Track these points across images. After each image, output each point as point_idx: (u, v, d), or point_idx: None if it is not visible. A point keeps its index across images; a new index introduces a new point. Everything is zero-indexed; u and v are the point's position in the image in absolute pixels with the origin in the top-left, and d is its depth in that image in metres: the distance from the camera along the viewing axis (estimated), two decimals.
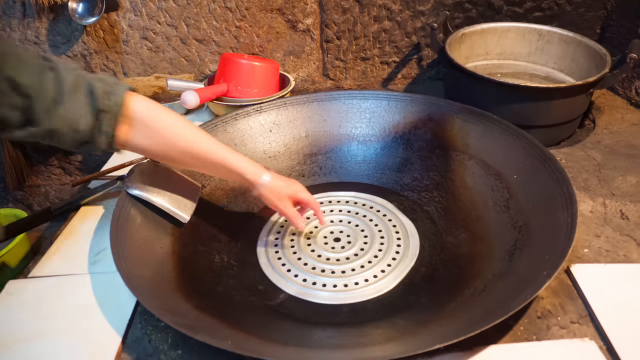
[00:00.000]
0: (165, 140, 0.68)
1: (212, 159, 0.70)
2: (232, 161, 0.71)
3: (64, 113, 0.60)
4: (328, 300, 0.71)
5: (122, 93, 0.64)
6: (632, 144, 0.97)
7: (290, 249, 0.80)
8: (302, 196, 0.77)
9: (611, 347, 0.57)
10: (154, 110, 0.67)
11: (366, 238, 0.82)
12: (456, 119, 0.92)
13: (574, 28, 1.18)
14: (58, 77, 0.60)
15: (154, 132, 0.66)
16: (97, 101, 0.62)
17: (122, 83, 0.66)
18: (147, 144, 0.67)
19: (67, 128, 0.61)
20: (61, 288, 0.70)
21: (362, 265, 0.77)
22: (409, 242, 0.80)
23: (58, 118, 0.59)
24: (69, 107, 0.60)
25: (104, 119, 0.62)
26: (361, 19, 1.21)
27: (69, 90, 0.60)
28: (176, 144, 0.68)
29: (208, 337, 0.54)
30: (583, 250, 0.73)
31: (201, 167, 0.74)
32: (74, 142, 0.63)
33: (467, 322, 0.57)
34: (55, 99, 0.59)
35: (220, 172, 0.73)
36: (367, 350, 0.59)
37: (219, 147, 0.70)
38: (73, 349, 0.61)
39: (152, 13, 1.20)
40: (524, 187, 0.78)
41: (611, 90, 1.18)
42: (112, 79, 0.65)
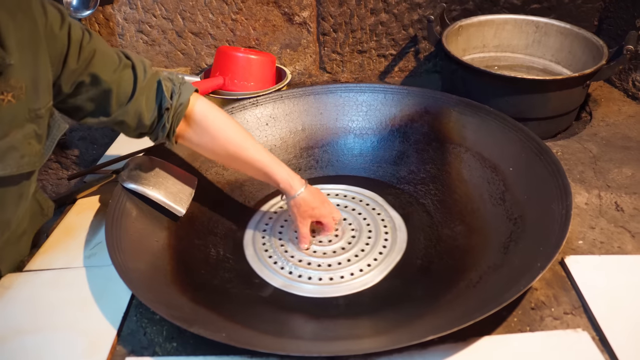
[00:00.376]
0: (216, 142, 0.74)
1: (256, 164, 0.75)
2: (272, 169, 0.75)
3: (134, 108, 0.67)
4: (312, 294, 0.71)
5: (188, 94, 0.71)
6: (628, 136, 0.97)
7: (278, 241, 0.81)
8: (325, 222, 0.79)
9: (604, 337, 0.58)
10: (211, 114, 0.73)
11: (354, 231, 0.82)
12: (453, 112, 0.92)
13: (572, 20, 1.18)
14: (135, 74, 0.66)
15: (207, 134, 0.73)
16: (164, 100, 0.68)
17: (189, 84, 0.72)
18: (199, 142, 0.74)
19: (134, 120, 0.68)
20: (57, 281, 0.70)
21: (349, 259, 0.77)
22: (397, 236, 0.80)
23: (128, 112, 0.67)
24: (139, 103, 0.67)
25: (167, 116, 0.69)
26: (358, 11, 1.21)
27: (141, 88, 0.67)
28: (225, 147, 0.74)
29: (203, 329, 0.54)
30: (577, 242, 0.73)
31: (243, 169, 0.78)
32: (135, 132, 0.71)
33: (462, 314, 0.57)
34: (129, 96, 0.66)
35: (261, 177, 0.77)
36: (362, 341, 0.60)
37: (264, 155, 0.75)
38: (68, 342, 0.61)
39: (148, 6, 1.20)
40: (520, 179, 0.78)
41: (608, 83, 1.18)
42: (180, 79, 0.72)
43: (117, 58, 0.66)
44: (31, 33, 0.57)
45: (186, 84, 0.72)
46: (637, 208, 0.79)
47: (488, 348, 0.57)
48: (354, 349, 0.55)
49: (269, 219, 0.86)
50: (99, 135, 1.41)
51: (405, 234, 0.81)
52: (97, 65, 0.64)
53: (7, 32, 0.55)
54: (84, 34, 0.63)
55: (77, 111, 0.67)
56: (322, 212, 0.78)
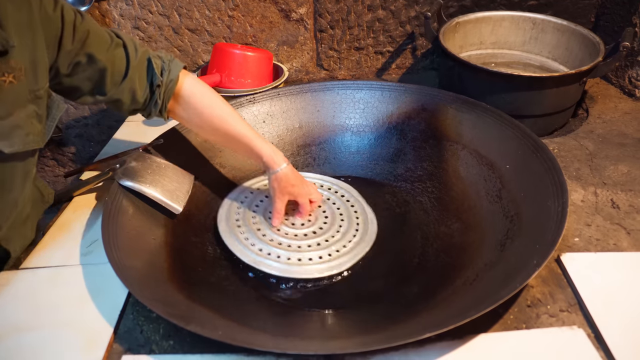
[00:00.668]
0: (202, 117, 0.76)
1: (240, 139, 0.76)
2: (256, 144, 0.76)
3: (128, 85, 0.70)
4: (280, 272, 0.72)
5: (177, 71, 0.74)
6: (624, 132, 0.98)
7: (251, 219, 0.81)
8: (301, 201, 0.80)
9: (599, 335, 0.58)
10: (199, 91, 0.76)
11: (326, 219, 0.83)
12: (450, 109, 0.92)
13: (569, 17, 1.18)
14: (127, 53, 0.69)
15: (194, 109, 0.76)
16: (155, 77, 0.71)
17: (177, 62, 0.75)
18: (187, 117, 0.77)
19: (128, 98, 0.71)
20: (53, 279, 0.70)
21: (319, 243, 0.78)
22: (368, 228, 0.81)
23: (123, 90, 0.70)
24: (133, 80, 0.70)
25: (159, 93, 0.73)
26: (355, 8, 1.20)
27: (134, 66, 0.70)
28: (211, 122, 0.76)
29: (200, 327, 0.54)
30: (574, 239, 0.73)
31: (229, 144, 0.80)
32: (129, 108, 0.74)
33: (458, 311, 0.57)
34: (123, 74, 0.69)
35: (246, 152, 0.78)
36: (358, 339, 0.60)
37: (248, 130, 0.77)
38: (65, 339, 0.61)
39: (144, 2, 1.19)
40: (516, 176, 0.78)
41: (604, 79, 1.18)
42: (169, 57, 0.75)
43: (108, 37, 0.69)
44: (27, 16, 0.59)
45: (175, 61, 0.75)
46: (632, 205, 0.79)
47: (484, 345, 0.58)
48: (350, 346, 0.55)
49: (244, 197, 0.86)
50: (96, 132, 1.41)
51: (376, 227, 0.82)
52: (91, 45, 0.66)
53: (6, 15, 0.56)
54: (76, 15, 0.65)
55: (75, 91, 0.69)
56: (300, 191, 0.79)
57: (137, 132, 1.09)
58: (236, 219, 0.81)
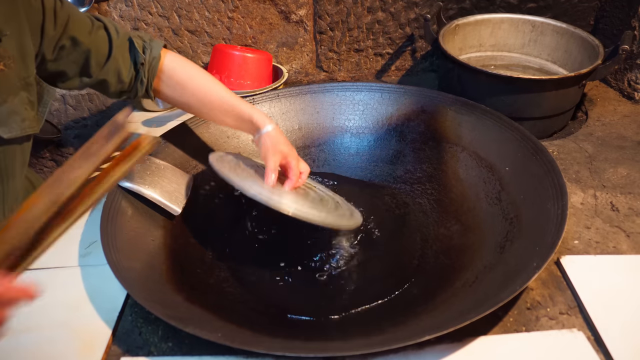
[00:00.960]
0: (186, 91, 0.77)
1: (226, 107, 0.77)
2: (242, 108, 0.77)
3: (113, 66, 0.71)
4: (268, 198, 0.67)
5: (159, 49, 0.75)
6: (624, 135, 0.98)
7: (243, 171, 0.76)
8: (290, 160, 0.75)
9: (599, 337, 0.58)
10: (180, 65, 0.77)
11: (314, 196, 0.78)
12: (449, 111, 0.92)
13: (568, 19, 1.18)
14: (108, 34, 0.71)
15: (178, 84, 0.77)
16: (138, 55, 0.73)
17: (157, 40, 0.77)
18: (172, 94, 0.78)
19: (114, 78, 0.72)
20: (52, 281, 0.70)
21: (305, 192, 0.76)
22: (353, 212, 0.80)
23: (108, 70, 0.71)
24: (117, 60, 0.71)
25: (143, 71, 0.74)
26: (355, 9, 1.20)
27: (117, 46, 0.71)
28: (195, 94, 0.77)
29: (198, 329, 0.54)
30: (573, 241, 0.73)
31: (216, 116, 0.80)
32: (116, 89, 0.74)
33: (458, 314, 0.57)
34: (106, 55, 0.70)
35: (234, 119, 0.79)
36: (357, 341, 0.60)
37: (233, 97, 0.78)
38: (63, 341, 0.61)
39: (144, 3, 1.19)
40: (516, 179, 0.78)
41: (604, 82, 1.18)
42: (148, 36, 0.76)
43: (89, 21, 0.70)
44: (12, 6, 0.61)
45: (155, 40, 0.77)
46: (632, 208, 0.79)
47: (484, 348, 0.57)
48: (349, 349, 0.55)
49: (233, 157, 0.81)
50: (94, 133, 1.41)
51: (360, 218, 0.80)
52: (73, 28, 0.67)
53: None
54: (55, 1, 0.66)
55: (61, 75, 0.70)
56: (291, 152, 0.76)
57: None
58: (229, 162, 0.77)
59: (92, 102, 1.35)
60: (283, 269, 0.75)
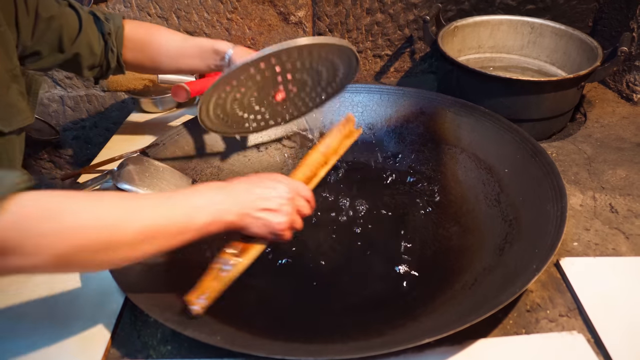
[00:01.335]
0: (149, 47, 0.80)
1: (188, 49, 0.80)
2: (203, 43, 0.81)
3: (85, 39, 0.74)
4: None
5: (120, 19, 0.78)
6: (622, 137, 0.98)
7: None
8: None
9: (599, 340, 0.58)
10: (138, 25, 0.81)
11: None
12: (448, 113, 0.92)
13: (566, 21, 1.18)
14: (75, 10, 0.73)
15: (141, 45, 0.80)
16: (104, 26, 0.76)
17: (115, 13, 0.80)
18: (141, 59, 0.81)
19: (87, 51, 0.75)
20: (50, 283, 0.69)
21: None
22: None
23: (81, 44, 0.73)
24: (87, 34, 0.74)
25: (111, 41, 0.77)
26: (354, 11, 1.20)
27: (85, 20, 0.74)
28: (157, 47, 0.80)
29: (197, 332, 0.54)
30: (572, 243, 0.73)
31: (184, 61, 0.82)
32: (89, 64, 0.77)
33: (457, 316, 0.57)
34: (77, 29, 0.73)
35: (199, 58, 0.81)
36: (357, 344, 0.59)
37: (191, 38, 0.82)
38: (62, 345, 0.60)
39: (142, 4, 1.19)
40: (515, 180, 0.78)
41: (602, 84, 1.18)
42: (106, 10, 0.80)
43: (55, 2, 0.71)
44: None
45: (113, 13, 0.80)
46: (631, 210, 0.79)
47: (484, 351, 0.57)
48: (349, 352, 0.55)
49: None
50: (93, 134, 1.40)
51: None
52: (43, 9, 0.68)
53: None
54: None
55: (34, 55, 0.70)
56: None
57: (135, 135, 1.08)
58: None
59: (90, 104, 1.35)
60: (282, 271, 0.75)
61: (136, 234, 0.47)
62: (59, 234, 0.44)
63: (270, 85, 0.74)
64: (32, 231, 0.42)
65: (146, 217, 0.49)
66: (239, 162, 0.93)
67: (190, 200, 0.53)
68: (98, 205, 0.47)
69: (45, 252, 0.43)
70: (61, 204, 0.45)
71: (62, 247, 0.44)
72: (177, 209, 0.51)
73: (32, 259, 0.43)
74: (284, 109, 0.83)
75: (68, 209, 0.45)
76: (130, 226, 0.47)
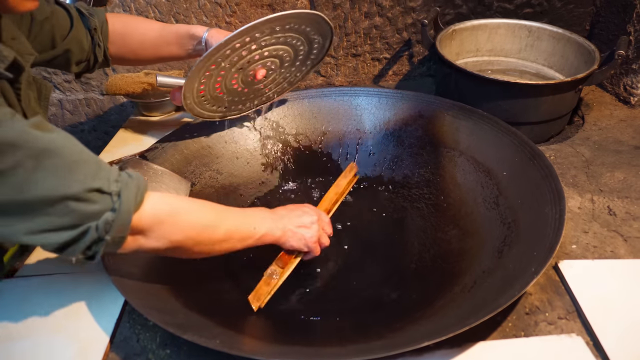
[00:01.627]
0: (129, 39, 0.81)
1: (166, 36, 0.81)
2: (180, 28, 0.81)
3: (75, 36, 0.75)
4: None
5: (103, 14, 0.79)
6: (620, 140, 0.98)
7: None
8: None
9: (598, 342, 0.58)
10: (118, 18, 0.82)
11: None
12: (446, 116, 0.92)
13: (564, 24, 1.18)
14: (64, 8, 0.74)
15: (120, 35, 0.81)
16: (90, 21, 0.77)
17: (98, 8, 0.81)
18: (124, 51, 0.82)
19: (77, 47, 0.76)
20: (48, 287, 0.69)
21: None
22: None
23: (70, 40, 0.74)
24: (78, 30, 0.75)
25: (97, 36, 0.78)
26: (352, 15, 1.21)
27: (75, 18, 0.75)
28: (137, 37, 0.81)
29: (196, 336, 0.54)
30: (571, 246, 0.73)
31: (163, 49, 0.83)
32: (79, 61, 0.78)
33: (457, 319, 0.57)
34: (68, 27, 0.74)
35: (177, 45, 0.82)
36: (355, 346, 0.59)
37: (168, 25, 0.83)
38: (60, 348, 0.60)
39: (141, 8, 1.19)
40: (514, 183, 0.78)
41: (600, 87, 1.19)
42: (88, 6, 0.80)
43: (45, 2, 0.72)
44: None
45: (95, 8, 0.81)
46: (629, 212, 0.79)
47: (483, 354, 0.57)
48: (347, 355, 0.55)
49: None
50: (92, 138, 1.40)
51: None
52: (37, 10, 0.69)
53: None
54: None
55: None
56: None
57: (134, 139, 1.08)
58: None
59: (89, 107, 1.35)
60: None
61: (223, 233, 0.61)
62: (178, 225, 0.57)
63: (249, 64, 0.75)
64: (161, 220, 0.55)
65: (230, 222, 0.62)
66: (238, 166, 0.93)
67: (254, 216, 0.67)
68: (202, 208, 0.61)
69: (166, 237, 0.56)
70: (178, 204, 0.59)
71: (178, 236, 0.57)
72: (247, 220, 0.65)
73: (154, 242, 0.56)
74: (266, 87, 0.84)
75: (183, 208, 0.59)
76: (221, 227, 0.61)
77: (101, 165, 0.52)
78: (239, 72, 0.77)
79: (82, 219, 0.48)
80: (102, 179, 0.50)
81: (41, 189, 0.46)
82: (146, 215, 0.53)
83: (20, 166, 0.45)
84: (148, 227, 0.54)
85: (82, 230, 0.49)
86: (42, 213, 0.47)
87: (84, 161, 0.50)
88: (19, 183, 0.45)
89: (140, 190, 0.53)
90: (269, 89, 0.85)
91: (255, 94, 0.84)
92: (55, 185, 0.46)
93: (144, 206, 0.53)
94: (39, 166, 0.46)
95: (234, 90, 0.80)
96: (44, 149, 0.46)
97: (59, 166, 0.47)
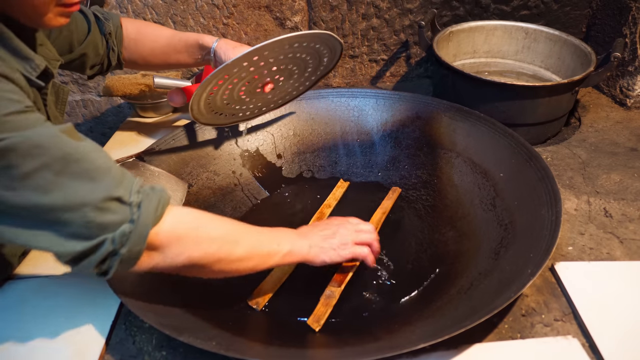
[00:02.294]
0: (141, 45, 0.82)
1: (176, 44, 0.82)
2: (189, 37, 0.82)
3: (91, 39, 0.76)
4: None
5: (118, 18, 0.80)
6: (616, 141, 0.99)
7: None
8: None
9: (594, 344, 0.58)
10: (130, 23, 0.83)
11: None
12: (443, 117, 0.92)
13: (560, 27, 1.19)
14: (82, 13, 0.75)
15: (132, 40, 0.82)
16: (104, 27, 0.78)
17: (113, 12, 0.82)
18: (135, 56, 0.83)
19: (92, 52, 0.77)
20: (44, 289, 0.69)
21: None
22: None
23: (86, 44, 0.76)
24: (93, 34, 0.77)
25: (112, 41, 0.79)
26: (349, 16, 1.21)
27: (92, 22, 0.76)
28: (147, 43, 0.82)
29: (193, 337, 0.53)
30: (567, 248, 0.73)
31: (172, 56, 0.84)
32: (92, 63, 0.79)
33: (453, 321, 0.57)
34: (85, 32, 0.76)
35: (186, 54, 0.83)
36: (352, 349, 0.59)
37: (178, 32, 0.84)
38: (55, 350, 0.60)
39: (138, 10, 1.19)
40: (510, 185, 0.78)
41: (596, 89, 1.19)
42: (104, 9, 0.81)
43: None
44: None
45: (111, 12, 0.82)
46: (625, 214, 0.79)
47: (479, 355, 0.57)
48: (344, 357, 0.55)
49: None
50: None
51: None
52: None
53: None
54: None
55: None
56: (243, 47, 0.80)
57: (131, 140, 1.08)
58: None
59: (86, 108, 1.35)
60: None
61: (245, 250, 0.58)
62: (197, 242, 0.54)
63: (258, 78, 0.75)
64: (179, 237, 0.53)
65: (251, 239, 0.60)
66: (235, 167, 0.93)
67: (278, 234, 0.64)
68: (222, 225, 0.59)
69: (184, 254, 0.54)
70: (198, 220, 0.57)
71: (196, 253, 0.54)
72: (269, 236, 0.63)
73: (171, 259, 0.53)
74: (273, 97, 0.84)
75: (203, 225, 0.56)
76: (242, 243, 0.58)
77: (125, 176, 0.51)
78: (247, 85, 0.76)
79: (99, 229, 0.47)
80: (124, 189, 0.49)
81: (63, 194, 0.46)
82: (165, 230, 0.52)
83: (47, 169, 0.45)
84: (167, 242, 0.52)
85: (97, 242, 0.48)
86: (61, 219, 0.46)
87: (109, 169, 0.49)
88: (43, 186, 0.45)
89: (162, 204, 0.52)
90: (276, 97, 0.86)
91: (262, 102, 0.85)
92: (77, 190, 0.46)
93: (163, 220, 0.52)
94: (64, 170, 0.46)
95: (241, 99, 0.80)
96: (71, 154, 0.46)
97: (83, 172, 0.47)
